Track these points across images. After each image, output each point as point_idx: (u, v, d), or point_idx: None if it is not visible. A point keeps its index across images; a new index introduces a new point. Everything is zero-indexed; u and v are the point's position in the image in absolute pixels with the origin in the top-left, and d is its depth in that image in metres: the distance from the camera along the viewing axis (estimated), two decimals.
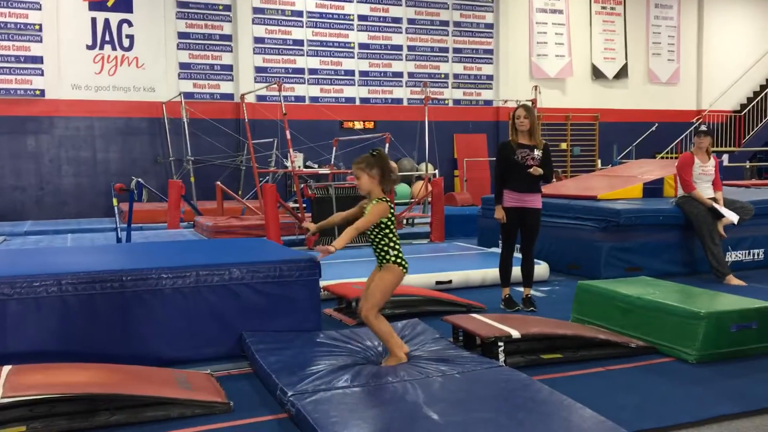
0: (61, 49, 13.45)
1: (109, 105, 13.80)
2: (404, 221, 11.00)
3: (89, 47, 13.68)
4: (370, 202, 4.08)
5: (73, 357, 4.02)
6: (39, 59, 13.33)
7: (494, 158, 15.44)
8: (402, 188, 14.90)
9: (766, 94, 18.57)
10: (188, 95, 14.12)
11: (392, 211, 4.07)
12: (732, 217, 6.86)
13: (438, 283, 6.44)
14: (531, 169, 5.61)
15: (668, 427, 3.25)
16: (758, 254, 7.64)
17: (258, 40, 14.86)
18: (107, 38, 13.79)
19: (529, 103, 5.97)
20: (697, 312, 4.25)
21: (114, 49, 13.84)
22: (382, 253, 4.08)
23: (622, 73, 18.11)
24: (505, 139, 5.98)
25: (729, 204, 7.07)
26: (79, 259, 4.91)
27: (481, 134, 16.65)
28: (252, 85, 14.26)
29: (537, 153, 5.66)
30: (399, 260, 4.07)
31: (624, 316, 4.71)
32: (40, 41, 13.34)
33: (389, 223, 4.05)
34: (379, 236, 4.07)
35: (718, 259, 6.84)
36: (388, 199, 4.06)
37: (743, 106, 19.05)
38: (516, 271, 6.00)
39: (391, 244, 4.08)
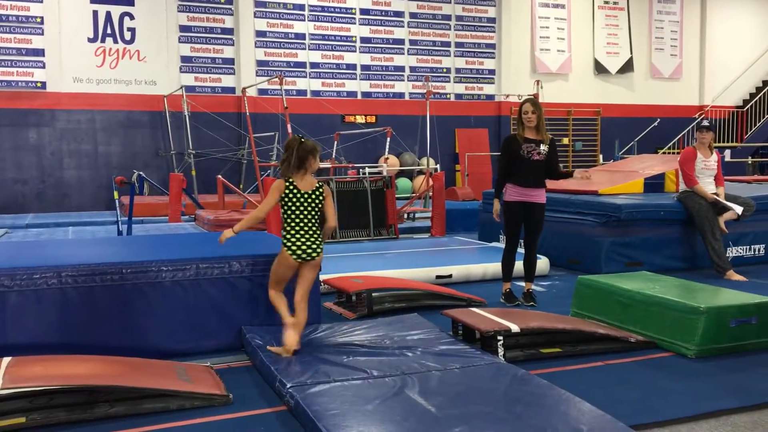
0: (62, 42, 13.44)
1: (110, 98, 13.80)
2: (405, 216, 11.00)
3: (91, 40, 13.68)
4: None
5: (73, 349, 4.03)
6: (40, 52, 13.32)
7: (496, 153, 15.36)
8: (403, 183, 14.89)
9: None
10: (190, 89, 14.11)
11: (287, 191, 4.16)
12: (736, 208, 6.85)
13: (438, 277, 6.44)
14: (579, 177, 5.75)
15: (667, 422, 3.25)
16: (759, 250, 7.63)
17: (259, 33, 14.84)
18: (109, 31, 13.78)
19: (533, 98, 5.92)
20: (697, 307, 4.25)
21: (115, 42, 13.83)
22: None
23: (624, 68, 18.07)
24: (508, 134, 5.96)
25: (730, 200, 7.05)
26: (80, 252, 4.92)
27: (483, 129, 16.63)
28: (253, 79, 14.25)
29: (543, 148, 5.64)
30: (286, 243, 4.16)
31: (624, 310, 4.71)
32: (42, 34, 13.33)
33: (282, 204, 4.17)
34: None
35: (718, 254, 6.83)
36: (290, 179, 4.16)
37: (746, 102, 19.00)
38: (518, 266, 5.99)
39: (284, 225, 4.20)
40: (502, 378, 3.53)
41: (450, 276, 6.52)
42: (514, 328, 4.18)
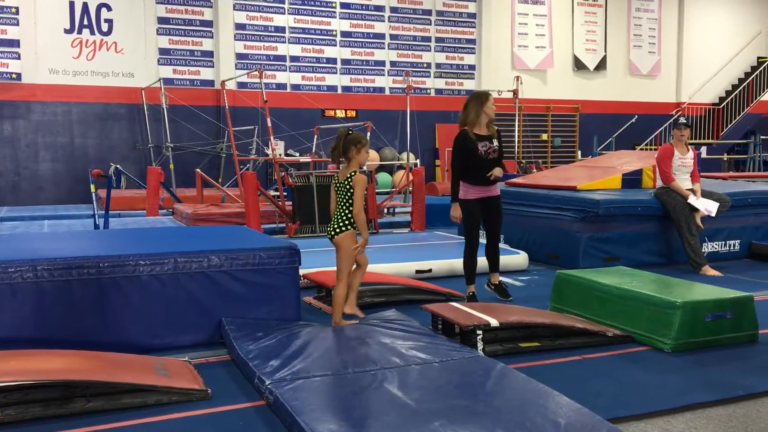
0: (38, 33, 13.23)
1: (87, 90, 13.62)
2: (385, 210, 11.01)
3: (67, 31, 13.48)
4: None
5: (49, 344, 3.99)
6: (15, 42, 13.11)
7: None
8: (383, 177, 14.89)
9: (744, 87, 18.77)
10: (168, 81, 13.97)
11: (334, 180, 4.81)
12: (710, 207, 6.94)
13: (418, 272, 6.46)
14: (491, 175, 5.45)
15: (643, 415, 3.29)
16: (734, 245, 7.74)
17: (239, 26, 14.73)
18: (85, 22, 13.59)
19: (492, 93, 5.78)
20: (673, 302, 4.30)
21: (92, 33, 13.65)
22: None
23: (602, 65, 18.20)
24: (459, 132, 5.66)
25: (706, 196, 7.14)
26: (56, 245, 4.85)
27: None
28: (233, 72, 14.15)
29: (495, 143, 5.53)
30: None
31: (601, 305, 4.75)
32: (17, 24, 13.11)
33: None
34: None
35: (694, 249, 6.92)
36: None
37: (722, 100, 19.24)
38: (482, 261, 5.78)
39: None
40: (482, 372, 3.54)
41: (430, 271, 6.53)
42: (494, 322, 4.21)
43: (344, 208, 4.69)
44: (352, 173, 4.67)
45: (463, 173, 5.53)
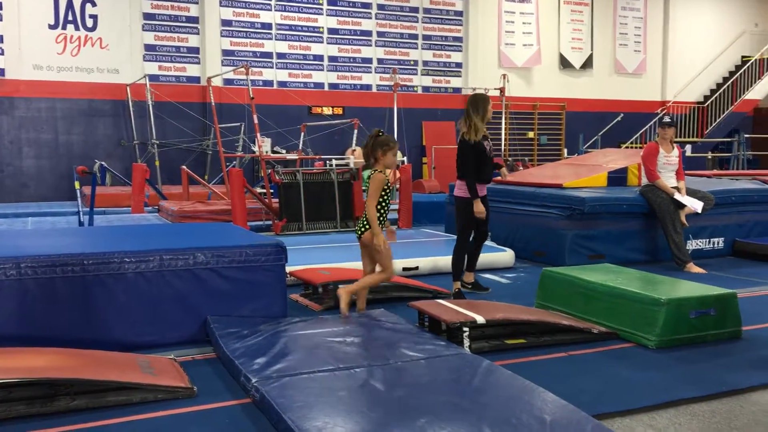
0: (22, 28, 13.09)
1: (71, 86, 13.50)
2: None
3: (51, 27, 13.35)
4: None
5: (33, 342, 3.95)
6: None
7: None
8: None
9: (728, 86, 18.91)
10: (153, 77, 13.88)
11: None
12: (695, 205, 7.00)
13: (405, 269, 6.46)
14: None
15: (628, 411, 3.31)
16: (718, 243, 7.80)
17: (225, 22, 14.66)
18: (70, 18, 13.47)
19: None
20: (658, 299, 4.34)
21: (77, 29, 13.52)
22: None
23: (588, 63, 18.27)
24: (466, 134, 5.72)
25: (691, 194, 7.21)
26: (40, 242, 4.81)
27: (450, 122, 16.66)
28: (219, 69, 14.07)
29: (491, 143, 5.81)
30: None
31: (587, 302, 4.78)
32: (0, 20, 12.97)
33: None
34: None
35: (679, 247, 6.97)
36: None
37: (706, 98, 19.37)
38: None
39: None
40: (468, 369, 3.55)
41: (417, 268, 6.54)
42: (480, 319, 4.22)
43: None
44: (372, 172, 4.77)
45: (478, 172, 5.66)
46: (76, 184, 8.88)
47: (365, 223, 4.75)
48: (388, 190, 4.78)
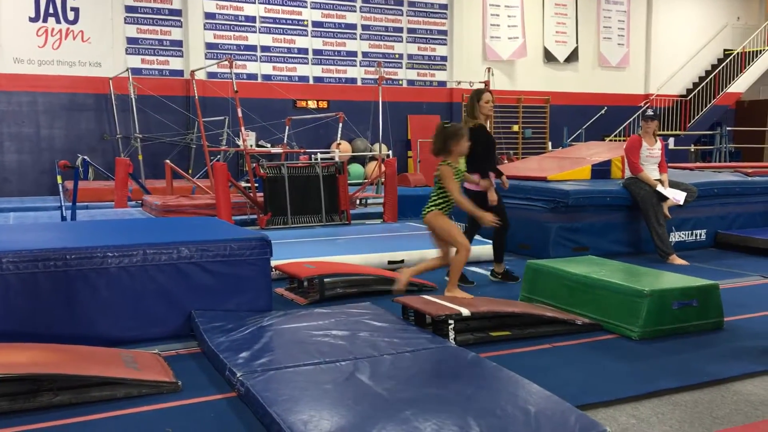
0: (2, 21, 12.92)
1: (53, 80, 13.35)
2: (357, 201, 10.99)
3: (32, 20, 13.19)
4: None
5: (15, 337, 3.91)
6: None
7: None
8: (356, 168, 14.87)
9: (711, 79, 19.06)
10: (136, 71, 13.76)
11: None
12: (678, 196, 7.06)
13: (390, 262, 6.46)
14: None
15: (612, 401, 3.34)
16: (700, 234, 7.87)
17: (209, 15, 14.56)
18: (51, 11, 13.31)
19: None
20: (641, 290, 4.37)
21: (58, 22, 13.37)
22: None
23: (573, 57, 18.33)
24: (477, 124, 5.86)
25: (674, 186, 7.26)
26: (21, 237, 4.76)
27: (435, 115, 16.68)
28: (202, 62, 13.98)
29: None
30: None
31: (571, 294, 4.81)
32: None
33: None
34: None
35: (662, 239, 7.02)
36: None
37: (689, 91, 19.51)
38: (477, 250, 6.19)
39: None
40: (453, 361, 3.56)
41: (402, 261, 6.54)
42: (465, 312, 4.23)
43: (434, 193, 5.08)
44: (441, 163, 4.96)
45: (480, 164, 5.74)
46: (59, 179, 8.79)
47: (428, 207, 5.05)
48: (458, 178, 5.02)
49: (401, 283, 4.96)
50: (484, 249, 7.03)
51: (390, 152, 13.08)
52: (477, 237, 7.34)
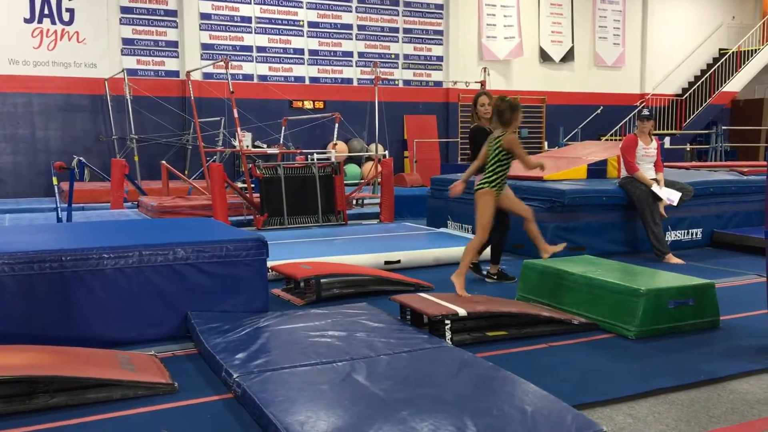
0: None
1: (48, 81, 13.32)
2: (354, 202, 10.99)
3: (27, 21, 13.16)
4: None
5: (11, 339, 3.90)
6: None
7: (444, 140, 15.40)
8: (352, 169, 14.86)
9: (706, 78, 19.10)
10: (132, 72, 13.74)
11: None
12: (673, 196, 7.07)
13: (387, 262, 6.46)
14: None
15: (608, 401, 3.34)
16: (696, 234, 7.89)
17: (204, 16, 14.54)
18: (46, 11, 13.28)
19: (487, 90, 6.20)
20: (637, 289, 4.37)
21: (53, 23, 13.34)
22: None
23: (568, 57, 18.35)
24: (476, 125, 6.15)
25: (669, 185, 7.27)
26: (17, 239, 4.75)
27: (431, 115, 16.69)
28: (198, 62, 13.96)
29: None
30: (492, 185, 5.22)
31: (567, 293, 4.81)
32: None
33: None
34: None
35: (658, 238, 7.03)
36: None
37: (684, 91, 19.55)
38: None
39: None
40: (450, 361, 3.56)
41: (398, 261, 6.54)
42: (461, 312, 4.23)
43: (490, 165, 5.22)
44: (502, 134, 5.16)
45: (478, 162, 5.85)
46: (54, 180, 8.78)
47: (483, 180, 5.24)
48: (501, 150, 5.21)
49: (459, 288, 5.00)
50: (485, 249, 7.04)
51: (386, 152, 13.08)
52: (472, 236, 7.35)
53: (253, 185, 9.71)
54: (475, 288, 5.79)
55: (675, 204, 7.11)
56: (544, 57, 18.06)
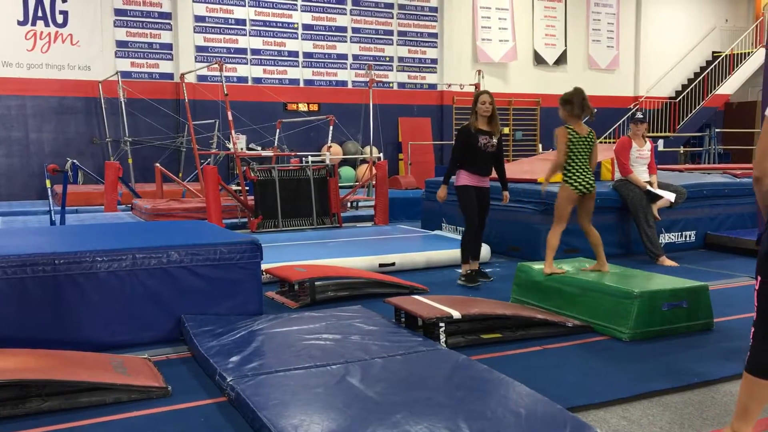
0: None
1: (42, 83, 13.29)
2: (348, 204, 10.99)
3: (21, 23, 13.13)
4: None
5: (3, 343, 3.89)
6: None
7: (439, 142, 15.43)
8: (346, 171, 14.86)
9: (700, 81, 19.16)
10: (126, 74, 13.71)
11: (570, 136, 5.14)
12: (668, 196, 7.09)
13: (381, 265, 6.46)
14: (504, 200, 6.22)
15: (602, 403, 3.35)
16: (690, 236, 7.91)
17: (198, 18, 14.52)
18: (40, 14, 13.25)
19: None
20: (631, 292, 4.38)
21: (47, 25, 13.31)
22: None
23: (562, 59, 18.40)
24: (464, 125, 6.13)
25: (663, 188, 7.30)
26: (9, 242, 4.73)
27: (426, 118, 16.71)
28: (192, 65, 13.94)
29: (494, 140, 6.00)
30: (570, 180, 5.10)
31: (561, 296, 4.82)
32: None
33: (571, 146, 5.12)
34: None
35: (652, 240, 7.05)
36: (571, 127, 5.16)
37: (678, 93, 19.62)
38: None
39: (566, 166, 5.14)
40: (444, 364, 3.56)
41: (393, 264, 6.54)
42: (456, 314, 4.23)
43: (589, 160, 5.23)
44: (590, 129, 5.26)
45: (463, 162, 5.99)
46: (48, 183, 8.75)
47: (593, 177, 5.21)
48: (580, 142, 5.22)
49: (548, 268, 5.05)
50: (485, 249, 7.04)
51: (381, 155, 13.08)
52: None
53: (247, 188, 9.69)
54: (474, 290, 5.79)
55: (672, 204, 7.14)
56: (538, 60, 18.10)
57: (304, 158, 12.53)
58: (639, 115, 7.46)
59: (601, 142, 16.73)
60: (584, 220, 5.30)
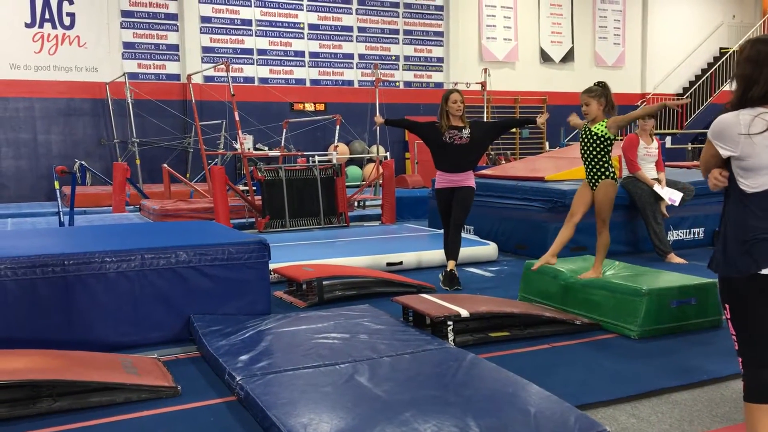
0: None
1: (49, 85, 13.35)
2: (355, 204, 11.00)
3: (28, 25, 13.19)
4: (594, 125, 5.14)
5: (14, 344, 3.91)
6: None
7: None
8: (353, 171, 14.87)
9: (707, 78, 19.08)
10: (133, 75, 13.76)
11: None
12: (675, 196, 7.06)
13: (389, 264, 6.47)
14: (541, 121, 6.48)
15: (611, 401, 3.34)
16: (698, 233, 7.88)
17: (205, 19, 14.55)
18: (47, 16, 13.31)
19: (461, 88, 6.23)
20: (639, 289, 4.37)
21: (54, 27, 13.37)
22: (600, 171, 5.09)
23: (569, 57, 18.35)
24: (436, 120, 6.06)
25: (671, 185, 7.26)
26: (19, 243, 4.75)
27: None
28: (199, 66, 13.97)
29: (465, 132, 5.87)
30: (614, 176, 5.08)
31: (569, 294, 4.81)
32: None
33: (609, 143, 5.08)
34: (599, 156, 5.08)
35: (660, 237, 7.03)
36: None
37: (685, 90, 19.53)
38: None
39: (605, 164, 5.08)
40: (452, 362, 3.56)
41: (400, 263, 6.55)
42: (464, 313, 4.23)
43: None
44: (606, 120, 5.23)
45: (434, 161, 6.05)
46: (56, 184, 8.79)
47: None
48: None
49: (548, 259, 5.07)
50: (482, 249, 7.05)
51: (387, 154, 13.07)
52: (475, 237, 7.37)
53: (254, 188, 9.71)
54: (477, 288, 5.79)
55: (677, 204, 7.10)
56: (545, 57, 18.05)
57: (311, 158, 12.55)
58: None
59: None
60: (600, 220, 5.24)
